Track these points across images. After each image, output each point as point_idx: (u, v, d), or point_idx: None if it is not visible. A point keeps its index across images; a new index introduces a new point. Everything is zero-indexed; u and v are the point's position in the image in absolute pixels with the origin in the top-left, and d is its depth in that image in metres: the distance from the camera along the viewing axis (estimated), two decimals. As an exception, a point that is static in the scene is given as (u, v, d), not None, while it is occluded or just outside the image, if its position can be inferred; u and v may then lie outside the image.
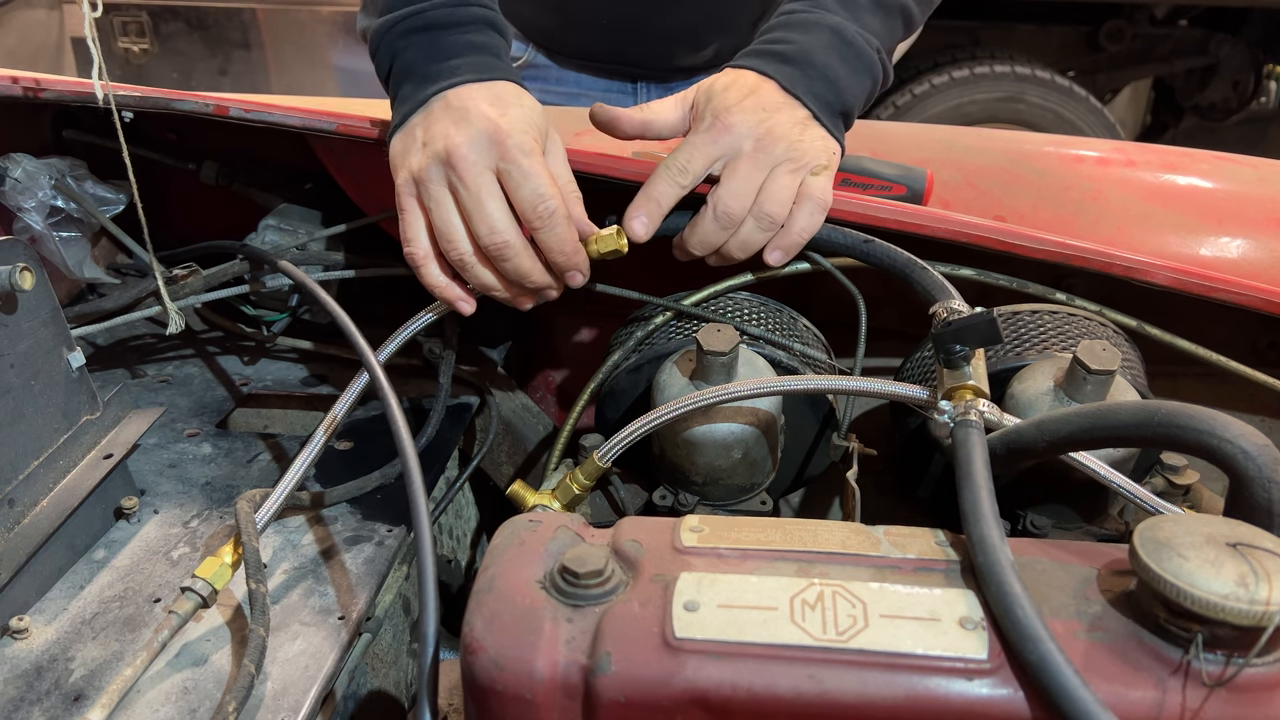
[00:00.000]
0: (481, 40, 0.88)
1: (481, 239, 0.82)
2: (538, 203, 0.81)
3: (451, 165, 0.81)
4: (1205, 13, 3.75)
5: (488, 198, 0.81)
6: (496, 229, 0.81)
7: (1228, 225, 1.08)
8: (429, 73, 0.85)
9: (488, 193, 0.81)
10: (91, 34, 0.75)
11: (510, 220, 0.82)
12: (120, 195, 1.08)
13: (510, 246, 0.82)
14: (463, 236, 0.83)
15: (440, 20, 0.87)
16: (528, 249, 0.83)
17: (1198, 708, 0.46)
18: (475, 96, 0.82)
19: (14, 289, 0.73)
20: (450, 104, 0.83)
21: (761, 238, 0.87)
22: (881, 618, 0.51)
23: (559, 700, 0.51)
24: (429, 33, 0.87)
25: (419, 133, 0.84)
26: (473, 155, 0.80)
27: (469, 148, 0.80)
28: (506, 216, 0.82)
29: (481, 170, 0.80)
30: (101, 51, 0.76)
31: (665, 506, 0.86)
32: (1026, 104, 3.43)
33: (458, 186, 0.81)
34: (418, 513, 0.71)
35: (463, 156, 0.80)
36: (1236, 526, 0.50)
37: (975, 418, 0.65)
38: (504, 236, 0.81)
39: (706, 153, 0.86)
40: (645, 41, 1.42)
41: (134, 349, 1.16)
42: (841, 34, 0.90)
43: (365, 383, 0.84)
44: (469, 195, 0.81)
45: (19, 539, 0.74)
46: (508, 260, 0.82)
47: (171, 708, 0.68)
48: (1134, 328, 0.91)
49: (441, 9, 0.87)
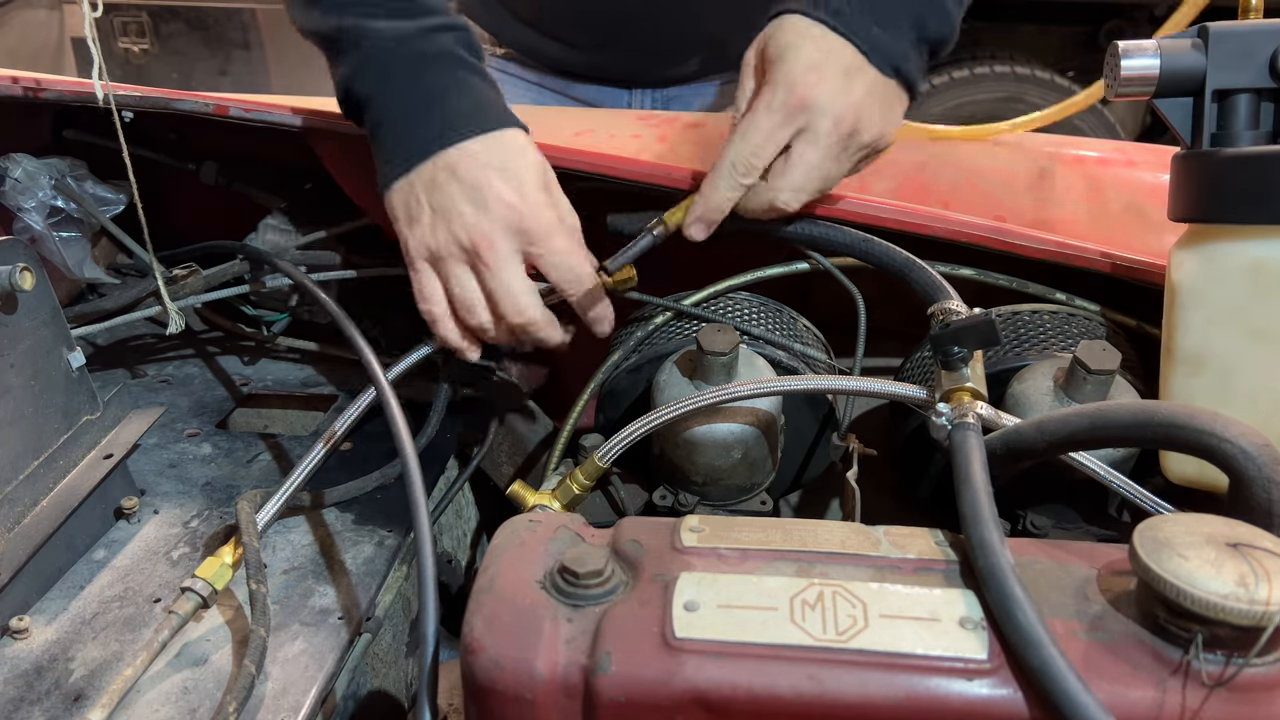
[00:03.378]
0: (464, 74, 0.83)
1: (508, 319, 0.82)
2: (573, 280, 0.82)
3: (478, 254, 0.80)
4: (1205, 13, 3.74)
5: (516, 283, 0.81)
6: (524, 312, 0.81)
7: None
8: (417, 119, 0.81)
9: (517, 279, 0.81)
10: (91, 34, 0.75)
11: (537, 300, 0.82)
12: (120, 195, 1.08)
13: (536, 324, 0.82)
14: (485, 309, 0.83)
15: (405, 37, 0.82)
16: (552, 321, 0.84)
17: (1198, 708, 0.46)
18: (484, 164, 0.79)
19: (14, 289, 0.73)
20: (457, 173, 0.79)
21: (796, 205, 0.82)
22: (881, 618, 0.51)
23: (559, 700, 0.51)
24: (401, 57, 0.82)
25: (423, 197, 0.81)
26: (503, 246, 0.79)
27: (498, 239, 0.79)
28: (533, 298, 0.81)
29: (509, 256, 0.80)
30: (101, 51, 0.76)
31: (665, 506, 0.86)
32: (1026, 104, 3.43)
33: (484, 272, 0.81)
34: (418, 513, 0.71)
35: (491, 247, 0.79)
36: (1236, 526, 0.50)
37: (973, 420, 0.65)
38: (530, 316, 0.82)
39: (778, 139, 0.79)
40: (628, 57, 1.40)
41: (134, 349, 1.16)
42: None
43: (371, 399, 0.84)
44: (496, 281, 0.80)
45: (19, 539, 0.74)
46: (531, 334, 0.83)
47: (171, 708, 0.68)
48: (1134, 328, 0.91)
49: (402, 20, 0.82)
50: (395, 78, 0.82)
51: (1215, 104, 0.74)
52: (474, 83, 0.84)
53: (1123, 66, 0.74)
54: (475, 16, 1.48)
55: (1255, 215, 0.73)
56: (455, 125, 0.80)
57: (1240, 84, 0.73)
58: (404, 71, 0.82)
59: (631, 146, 1.12)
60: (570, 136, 1.13)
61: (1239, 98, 0.73)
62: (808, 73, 0.77)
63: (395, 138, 0.83)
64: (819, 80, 0.77)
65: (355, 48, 0.84)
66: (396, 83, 0.82)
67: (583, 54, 1.41)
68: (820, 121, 0.77)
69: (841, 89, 0.77)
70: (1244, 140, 0.73)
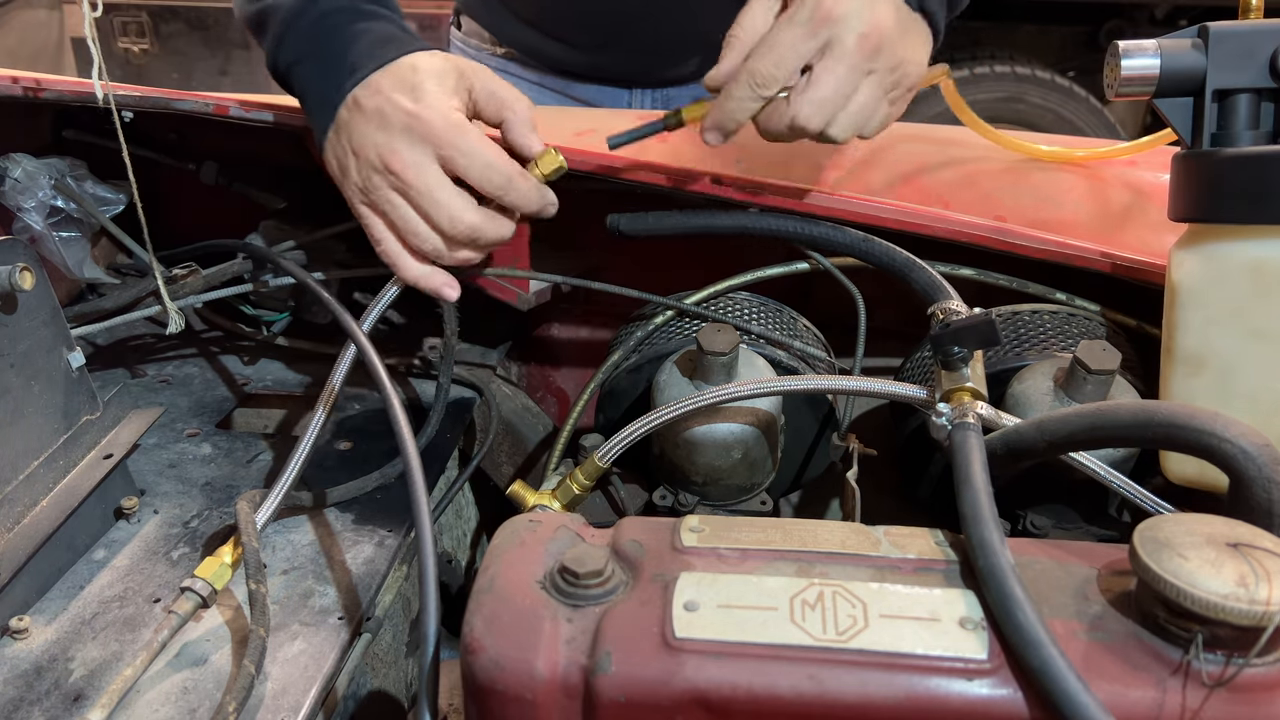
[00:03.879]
0: (363, 22, 0.85)
1: (446, 231, 0.82)
2: (491, 174, 0.80)
3: (392, 172, 0.80)
4: (1205, 13, 3.75)
5: (438, 190, 0.80)
6: (458, 218, 0.81)
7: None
8: (327, 75, 0.83)
9: (437, 186, 0.80)
10: (91, 34, 0.75)
11: (468, 202, 0.81)
12: (120, 195, 1.08)
13: (477, 228, 0.82)
14: (428, 231, 0.82)
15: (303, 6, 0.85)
16: (493, 218, 0.83)
17: (1198, 708, 0.46)
18: (386, 89, 0.80)
19: (14, 289, 0.73)
20: (363, 106, 0.81)
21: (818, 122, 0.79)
22: (881, 618, 0.51)
23: (559, 700, 0.51)
24: (303, 26, 0.85)
25: (345, 141, 0.83)
26: (410, 155, 0.79)
27: (403, 149, 0.79)
28: (463, 200, 0.81)
29: (423, 167, 0.80)
30: (101, 51, 0.76)
31: (665, 506, 0.86)
32: (1026, 104, 3.43)
33: (405, 189, 0.81)
34: (419, 512, 0.71)
35: (400, 160, 0.79)
36: (1236, 526, 0.50)
37: (973, 420, 0.65)
38: (468, 220, 0.81)
39: (801, 52, 0.76)
40: (628, 58, 1.40)
41: (134, 349, 1.16)
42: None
43: (354, 354, 0.85)
44: (420, 195, 0.80)
45: (19, 539, 0.74)
46: (478, 238, 0.82)
47: (171, 708, 0.68)
48: (1134, 328, 0.91)
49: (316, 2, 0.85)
50: (301, 44, 0.85)
51: (1215, 104, 0.74)
52: (371, 26, 0.85)
53: (1123, 66, 0.74)
54: (476, 15, 1.48)
55: (1255, 215, 0.73)
56: (357, 67, 0.82)
57: (1240, 84, 0.73)
58: (307, 36, 0.85)
59: (632, 146, 1.12)
60: (571, 136, 1.12)
61: (1239, 98, 0.73)
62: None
63: (314, 99, 0.85)
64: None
65: (267, 27, 0.88)
66: (302, 48, 0.85)
67: (583, 54, 1.41)
68: (846, 35, 0.75)
69: (867, 5, 0.76)
70: (1244, 140, 0.73)
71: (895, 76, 0.79)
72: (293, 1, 0.86)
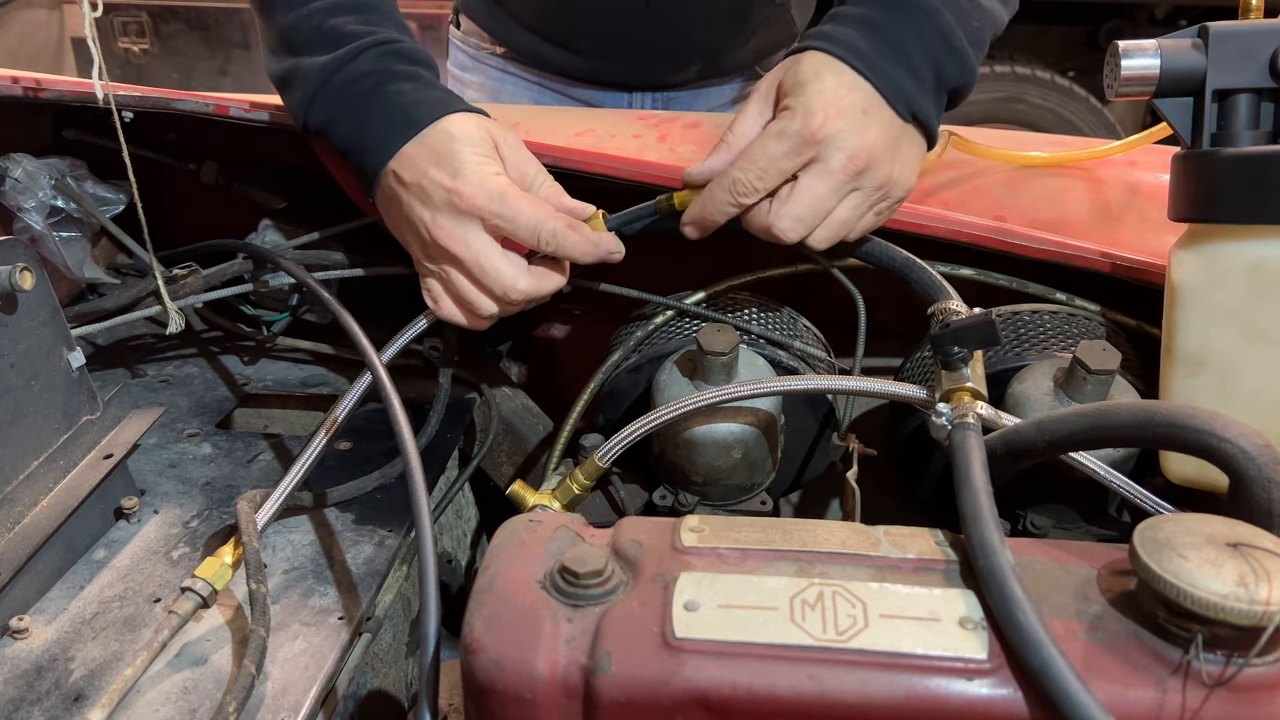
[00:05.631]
0: (387, 87, 0.84)
1: (500, 298, 0.83)
2: (539, 232, 0.81)
3: (445, 251, 0.81)
4: (1205, 13, 3.75)
5: (487, 260, 0.81)
6: (510, 286, 0.82)
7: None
8: (363, 148, 0.84)
9: (485, 256, 0.81)
10: (91, 34, 0.75)
11: (519, 267, 0.83)
12: (120, 195, 1.08)
13: (530, 291, 0.83)
14: (484, 300, 0.84)
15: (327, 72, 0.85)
16: (545, 275, 0.84)
17: (1198, 708, 0.46)
18: (420, 164, 0.81)
19: (14, 289, 0.73)
20: (405, 182, 0.82)
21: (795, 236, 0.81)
22: (881, 618, 0.51)
23: (559, 700, 0.51)
24: (328, 92, 0.85)
25: (394, 212, 0.85)
26: (456, 230, 0.80)
27: (450, 225, 0.80)
28: (513, 267, 0.82)
29: (471, 239, 0.81)
30: (101, 51, 0.76)
31: (665, 506, 0.86)
32: (1026, 104, 3.43)
33: (457, 262, 0.82)
34: (419, 512, 0.71)
35: (446, 234, 0.81)
36: (1236, 526, 0.50)
37: (973, 420, 0.65)
38: (520, 288, 0.82)
39: (784, 168, 0.78)
40: (629, 63, 1.41)
41: (134, 349, 1.16)
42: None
43: (368, 384, 0.85)
44: (472, 266, 0.82)
45: (19, 539, 0.74)
46: (532, 296, 0.84)
47: (171, 708, 0.68)
48: (1134, 328, 0.91)
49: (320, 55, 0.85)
50: (332, 106, 0.86)
51: (1215, 104, 0.74)
52: (396, 91, 0.85)
53: (1123, 66, 0.74)
54: (477, 19, 1.48)
55: (1255, 215, 0.73)
56: (387, 141, 0.83)
57: (1240, 84, 0.73)
58: (338, 100, 0.86)
59: (632, 146, 1.12)
60: (571, 136, 1.13)
61: (1239, 98, 0.73)
62: (826, 106, 0.76)
63: (353, 164, 0.87)
64: (837, 115, 0.76)
65: (294, 86, 0.88)
66: (334, 111, 0.86)
67: (584, 60, 1.41)
68: (832, 156, 0.77)
69: (858, 126, 0.76)
70: (1244, 140, 0.73)
71: (881, 193, 0.81)
72: (323, 60, 0.86)
